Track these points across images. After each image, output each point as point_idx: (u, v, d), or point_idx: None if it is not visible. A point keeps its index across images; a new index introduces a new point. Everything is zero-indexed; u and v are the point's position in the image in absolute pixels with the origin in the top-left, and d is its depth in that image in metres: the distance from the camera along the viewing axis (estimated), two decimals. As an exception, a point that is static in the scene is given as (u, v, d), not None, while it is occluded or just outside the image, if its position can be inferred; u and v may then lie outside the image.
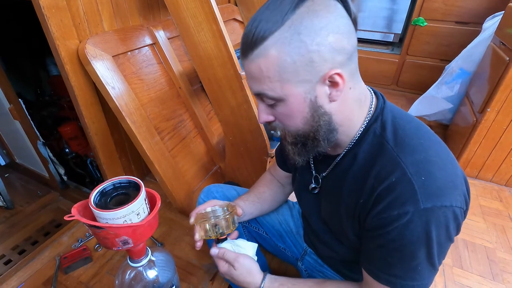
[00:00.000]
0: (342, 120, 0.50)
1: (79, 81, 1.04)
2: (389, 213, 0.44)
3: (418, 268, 0.46)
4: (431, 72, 2.36)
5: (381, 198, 0.45)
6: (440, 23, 2.22)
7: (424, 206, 0.42)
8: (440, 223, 0.43)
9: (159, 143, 1.18)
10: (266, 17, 0.42)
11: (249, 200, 0.78)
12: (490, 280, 1.10)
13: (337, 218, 0.57)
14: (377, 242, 0.48)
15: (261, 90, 0.47)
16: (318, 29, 0.41)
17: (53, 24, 0.91)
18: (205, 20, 0.97)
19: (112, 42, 1.08)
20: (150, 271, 0.68)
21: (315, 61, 0.42)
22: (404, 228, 0.44)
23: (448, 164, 0.46)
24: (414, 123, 0.50)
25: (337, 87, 0.45)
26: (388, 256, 0.47)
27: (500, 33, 1.50)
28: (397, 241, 0.45)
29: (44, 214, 1.50)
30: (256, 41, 0.43)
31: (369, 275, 0.51)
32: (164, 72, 1.31)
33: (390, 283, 0.48)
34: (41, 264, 1.13)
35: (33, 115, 1.42)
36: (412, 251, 0.45)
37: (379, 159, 0.47)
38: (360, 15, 2.51)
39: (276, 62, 0.43)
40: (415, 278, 0.47)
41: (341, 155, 0.55)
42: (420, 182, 0.43)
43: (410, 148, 0.46)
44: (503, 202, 1.48)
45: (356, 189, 0.50)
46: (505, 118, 1.40)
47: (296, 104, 0.46)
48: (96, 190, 0.58)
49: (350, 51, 0.44)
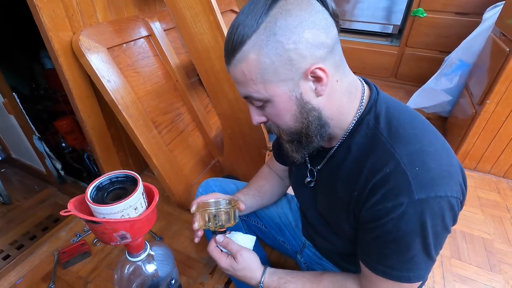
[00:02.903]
0: (332, 114, 0.50)
1: (73, 74, 1.02)
2: (384, 205, 0.44)
3: (414, 259, 0.46)
4: (430, 64, 2.34)
5: (376, 190, 0.45)
6: (440, 14, 2.20)
7: (418, 197, 0.42)
8: (435, 214, 0.43)
9: (156, 137, 1.17)
10: (243, 22, 0.43)
11: (249, 194, 0.78)
12: (488, 271, 1.11)
13: (333, 210, 0.57)
14: (373, 234, 0.48)
15: (247, 93, 0.48)
16: (293, 27, 0.41)
17: (45, 15, 0.89)
18: (202, 11, 0.94)
19: (106, 33, 1.06)
20: (149, 265, 0.68)
21: (293, 59, 0.43)
22: (399, 219, 0.43)
23: (443, 154, 0.46)
24: (408, 114, 0.50)
25: (321, 82, 0.45)
26: (384, 248, 0.47)
27: (500, 23, 1.49)
28: (393, 233, 0.45)
29: (42, 209, 1.49)
30: (235, 47, 0.44)
31: (366, 267, 0.51)
32: (161, 64, 1.29)
33: (387, 275, 0.48)
34: (39, 259, 1.12)
35: (28, 110, 1.40)
36: (407, 243, 0.45)
37: (373, 151, 0.47)
38: (359, 6, 2.48)
39: (257, 65, 0.44)
40: (412, 269, 0.47)
41: (335, 147, 0.55)
42: (414, 173, 0.42)
43: (404, 138, 0.45)
44: (501, 193, 1.48)
45: (351, 181, 0.50)
46: (504, 110, 1.40)
47: (283, 103, 0.47)
48: (93, 185, 0.57)
49: (330, 44, 0.44)
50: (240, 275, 0.62)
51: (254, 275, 0.61)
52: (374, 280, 0.51)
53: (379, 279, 0.50)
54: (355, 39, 2.59)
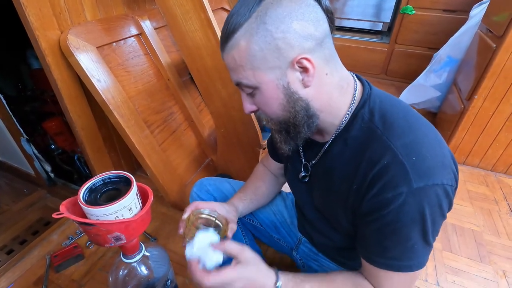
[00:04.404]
0: (322, 106, 0.50)
1: (62, 73, 1.00)
2: (384, 195, 0.45)
3: (414, 247, 0.46)
4: (419, 60, 2.38)
5: (375, 181, 0.46)
6: (428, 11, 2.23)
7: (417, 186, 0.43)
8: (433, 201, 0.44)
9: (149, 137, 1.15)
10: (237, 11, 0.46)
11: (247, 199, 0.77)
12: (478, 262, 1.14)
13: (330, 205, 0.58)
14: (373, 226, 0.48)
15: (238, 79, 0.50)
16: (282, 17, 0.43)
17: (31, 13, 0.87)
18: (192, 9, 0.93)
19: (95, 32, 1.04)
20: (144, 266, 0.68)
21: (281, 47, 0.44)
22: (399, 209, 0.44)
23: (436, 145, 0.47)
24: (401, 107, 0.51)
25: (307, 72, 0.46)
26: (383, 240, 0.48)
27: (486, 20, 1.52)
28: (393, 223, 0.45)
29: (32, 212, 1.46)
30: (229, 34, 0.46)
31: (367, 262, 0.52)
32: (152, 63, 1.27)
33: (388, 266, 0.49)
34: (30, 264, 1.10)
35: (14, 111, 1.36)
36: (407, 232, 0.45)
37: (370, 144, 0.48)
38: (349, 4, 2.49)
39: (246, 51, 0.46)
40: (412, 258, 0.47)
41: (329, 142, 0.55)
42: (411, 163, 0.43)
43: (399, 130, 0.46)
44: (490, 186, 1.52)
45: (348, 175, 0.51)
46: (491, 105, 1.43)
47: (270, 91, 0.48)
48: (85, 186, 0.56)
49: (319, 37, 0.46)
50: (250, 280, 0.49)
51: (267, 274, 0.51)
52: (375, 273, 0.51)
53: (381, 272, 0.50)
54: (345, 36, 2.61)
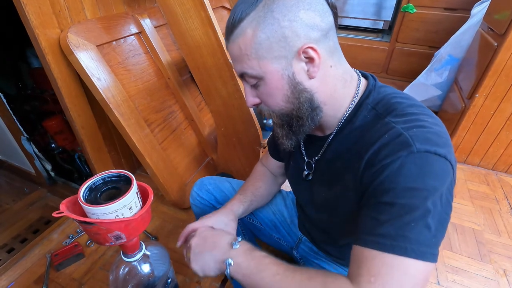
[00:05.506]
0: (326, 98, 0.50)
1: (62, 72, 1.00)
2: (382, 163, 0.42)
3: (411, 224, 0.39)
4: (420, 59, 2.37)
5: (376, 156, 0.43)
6: (429, 10, 2.22)
7: (418, 149, 0.40)
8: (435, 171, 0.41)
9: (149, 136, 1.15)
10: (244, 1, 0.46)
11: (247, 201, 0.77)
12: (478, 261, 1.14)
13: (334, 199, 0.56)
14: (370, 202, 0.44)
15: (242, 69, 0.49)
16: (289, 6, 0.44)
17: (31, 11, 0.87)
18: (193, 7, 0.93)
19: (95, 31, 1.04)
20: (144, 265, 0.67)
21: (288, 36, 0.44)
22: (396, 172, 0.41)
23: (442, 130, 0.45)
24: (406, 99, 0.50)
25: (313, 62, 0.46)
26: (378, 213, 0.42)
27: (488, 18, 1.51)
28: (390, 191, 0.41)
29: (32, 211, 1.46)
30: (235, 23, 0.46)
31: (356, 245, 0.44)
32: (152, 62, 1.27)
33: (379, 245, 0.40)
34: (31, 262, 1.10)
35: (15, 110, 1.36)
36: (405, 203, 0.40)
37: (374, 129, 0.47)
38: (350, 2, 2.48)
39: (252, 39, 0.45)
40: (407, 239, 0.39)
41: (332, 134, 0.55)
42: (412, 132, 0.42)
43: (403, 116, 0.45)
44: (490, 185, 1.52)
45: (354, 163, 0.48)
46: (492, 104, 1.43)
47: (275, 81, 0.48)
48: (85, 185, 0.56)
49: (325, 28, 0.46)
50: (210, 242, 0.55)
51: (225, 236, 0.55)
52: (364, 259, 0.41)
53: (370, 255, 0.41)
54: (346, 35, 2.60)
